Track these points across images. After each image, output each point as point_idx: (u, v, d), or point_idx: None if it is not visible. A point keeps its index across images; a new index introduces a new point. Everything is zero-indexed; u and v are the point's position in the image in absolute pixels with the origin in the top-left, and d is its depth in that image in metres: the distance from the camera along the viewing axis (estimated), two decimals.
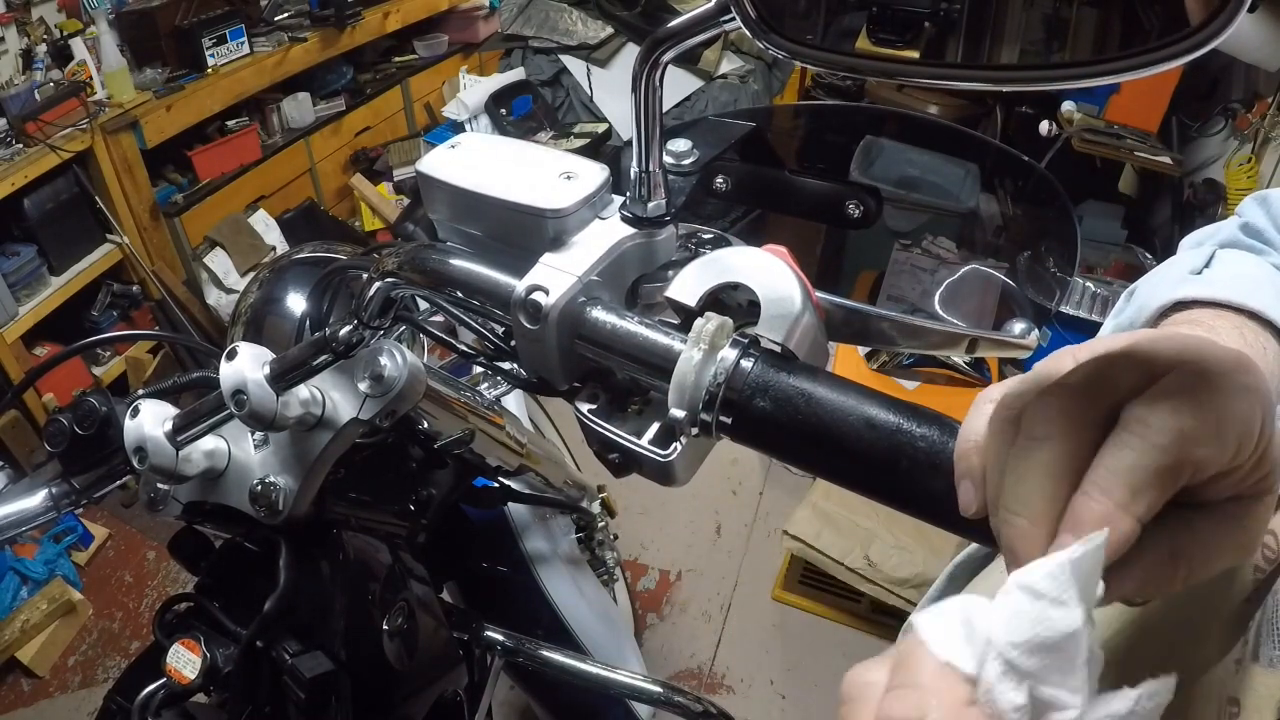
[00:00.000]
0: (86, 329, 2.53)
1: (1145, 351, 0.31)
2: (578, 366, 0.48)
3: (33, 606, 2.08)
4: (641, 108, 0.45)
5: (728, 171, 0.57)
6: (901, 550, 1.99)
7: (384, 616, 0.67)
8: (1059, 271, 0.64)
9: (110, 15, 2.56)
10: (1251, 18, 1.93)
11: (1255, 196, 0.68)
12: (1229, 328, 0.55)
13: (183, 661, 0.61)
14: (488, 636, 0.85)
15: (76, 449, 0.65)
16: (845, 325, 0.51)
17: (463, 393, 0.79)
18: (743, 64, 3.13)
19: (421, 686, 0.71)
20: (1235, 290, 0.56)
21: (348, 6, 3.06)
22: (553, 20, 3.12)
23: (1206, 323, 0.56)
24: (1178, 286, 0.59)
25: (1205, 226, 0.70)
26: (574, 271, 0.46)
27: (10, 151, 2.26)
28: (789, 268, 0.43)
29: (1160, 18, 0.34)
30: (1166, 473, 0.28)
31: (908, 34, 2.22)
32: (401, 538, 0.77)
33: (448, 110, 3.14)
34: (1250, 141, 2.31)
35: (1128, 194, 2.71)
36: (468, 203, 0.51)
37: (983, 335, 0.53)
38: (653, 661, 1.98)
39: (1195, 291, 0.58)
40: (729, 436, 0.40)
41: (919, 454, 0.35)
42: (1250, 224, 0.65)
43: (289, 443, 0.60)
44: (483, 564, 1.06)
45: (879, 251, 0.71)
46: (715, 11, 0.40)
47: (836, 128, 0.80)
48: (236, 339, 0.67)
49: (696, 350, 0.40)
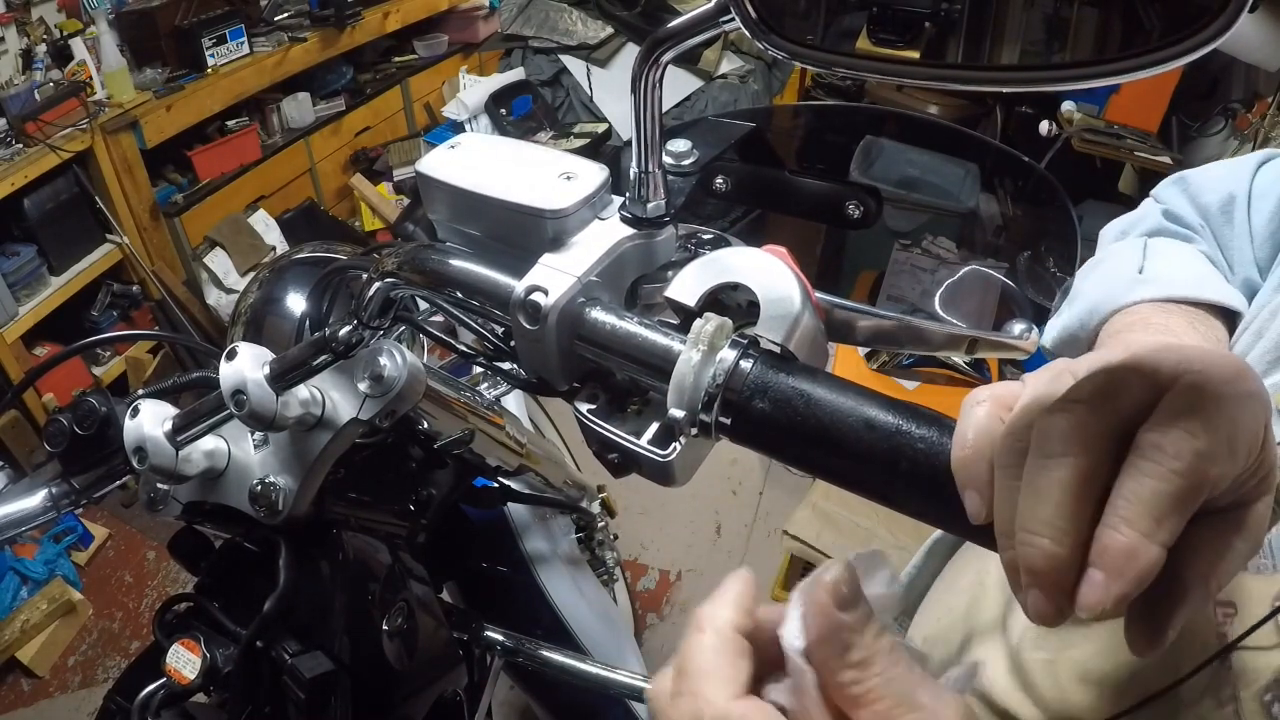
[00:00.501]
0: (86, 329, 2.53)
1: (1148, 364, 0.31)
2: (577, 367, 0.48)
3: (33, 606, 2.08)
4: (641, 108, 0.45)
5: (728, 172, 0.57)
6: (901, 550, 1.98)
7: (384, 616, 0.67)
8: (1059, 272, 0.64)
9: (110, 15, 2.56)
10: (1251, 18, 1.92)
11: (1174, 178, 0.68)
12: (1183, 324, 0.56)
13: (183, 661, 0.61)
14: (488, 636, 0.85)
15: (76, 449, 0.65)
16: (845, 325, 0.51)
17: (463, 393, 0.79)
18: (743, 64, 3.13)
19: (421, 686, 0.71)
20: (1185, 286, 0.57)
21: (348, 6, 3.06)
22: (553, 20, 3.12)
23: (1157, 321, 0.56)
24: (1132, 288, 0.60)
25: (1126, 215, 0.70)
26: (573, 272, 0.46)
27: (10, 151, 2.26)
28: (789, 268, 0.43)
29: (1160, 18, 0.34)
30: (1188, 496, 0.28)
31: (908, 34, 2.22)
32: (401, 538, 0.77)
33: (448, 110, 3.14)
34: (1250, 141, 2.31)
35: (1128, 194, 2.71)
36: (467, 203, 0.51)
37: (983, 335, 0.52)
38: (653, 661, 1.97)
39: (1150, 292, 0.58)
40: (728, 437, 0.40)
41: (919, 454, 0.35)
42: (1171, 210, 0.66)
43: (289, 443, 0.60)
44: (483, 564, 1.07)
45: (879, 251, 0.71)
46: (715, 12, 0.40)
47: (836, 128, 0.80)
48: (236, 339, 0.67)
49: (695, 351, 0.40)
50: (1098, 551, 0.29)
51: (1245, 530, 0.31)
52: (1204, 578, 0.30)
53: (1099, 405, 0.30)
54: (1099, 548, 0.29)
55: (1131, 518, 0.28)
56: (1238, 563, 0.31)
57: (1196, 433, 0.28)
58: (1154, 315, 0.57)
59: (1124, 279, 0.61)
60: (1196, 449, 0.28)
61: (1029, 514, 0.30)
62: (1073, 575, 0.29)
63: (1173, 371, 0.31)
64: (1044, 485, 0.30)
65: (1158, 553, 0.28)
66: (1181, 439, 0.28)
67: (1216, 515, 0.30)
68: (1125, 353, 0.33)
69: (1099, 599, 0.28)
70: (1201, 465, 0.28)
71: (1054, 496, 0.30)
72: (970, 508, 0.33)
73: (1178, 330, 0.55)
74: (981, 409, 0.35)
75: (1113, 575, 0.28)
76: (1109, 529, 0.28)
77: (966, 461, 0.34)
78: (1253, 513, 0.31)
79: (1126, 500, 0.29)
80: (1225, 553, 0.30)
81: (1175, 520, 0.28)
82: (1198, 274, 0.59)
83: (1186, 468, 0.28)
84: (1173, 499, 0.28)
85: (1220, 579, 0.31)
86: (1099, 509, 0.29)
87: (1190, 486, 0.28)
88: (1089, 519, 0.29)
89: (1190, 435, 0.28)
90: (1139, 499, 0.28)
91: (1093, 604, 0.28)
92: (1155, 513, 0.28)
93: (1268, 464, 0.31)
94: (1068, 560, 0.29)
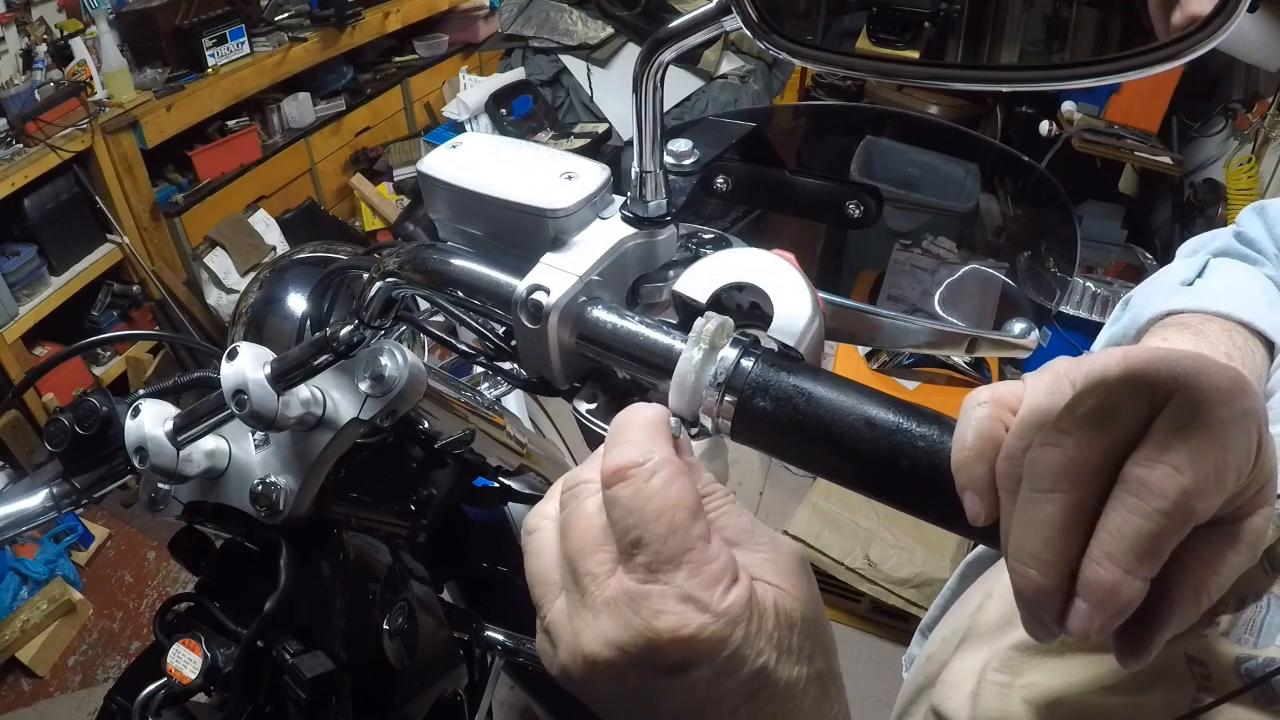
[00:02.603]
0: (86, 329, 2.53)
1: (1144, 379, 0.31)
2: (578, 366, 0.48)
3: (33, 606, 2.08)
4: (642, 108, 0.45)
5: (728, 171, 0.57)
6: (901, 550, 1.99)
7: (384, 616, 0.67)
8: (1059, 271, 0.64)
9: (110, 15, 2.56)
10: (1251, 18, 1.93)
11: (1254, 207, 0.68)
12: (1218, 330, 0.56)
13: (183, 661, 0.61)
14: (488, 636, 0.85)
15: (77, 449, 0.65)
16: (845, 325, 0.52)
17: (463, 393, 0.79)
18: (743, 64, 3.13)
19: (422, 686, 0.71)
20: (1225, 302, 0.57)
21: (348, 6, 3.06)
22: (553, 20, 3.12)
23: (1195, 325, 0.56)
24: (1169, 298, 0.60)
25: (1202, 234, 0.70)
26: (575, 271, 0.46)
27: (10, 151, 2.26)
28: (800, 274, 0.44)
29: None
30: (1172, 533, 0.29)
31: (908, 34, 2.22)
32: (402, 538, 0.77)
33: (448, 110, 3.14)
34: (1250, 141, 2.31)
35: (1128, 194, 2.71)
36: (468, 203, 0.51)
37: (983, 335, 0.53)
38: None
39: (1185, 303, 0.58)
40: (729, 436, 0.40)
41: (919, 454, 0.35)
42: (1244, 233, 0.66)
43: (289, 442, 0.60)
44: (483, 564, 1.06)
45: (879, 251, 0.71)
46: (716, 12, 0.40)
47: (836, 128, 0.80)
48: (237, 339, 0.67)
49: (697, 350, 0.40)
50: (1082, 584, 0.30)
51: (1239, 543, 0.31)
52: (1193, 592, 0.31)
53: (1089, 438, 0.30)
54: (1083, 580, 0.30)
55: (1115, 554, 0.29)
56: (1231, 575, 0.31)
57: (1183, 468, 0.28)
58: (1194, 321, 0.57)
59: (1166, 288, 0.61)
60: (1183, 487, 0.28)
61: (1018, 545, 0.31)
62: (1060, 602, 0.30)
63: (1167, 388, 0.30)
64: (1033, 519, 0.31)
65: (1140, 586, 0.29)
66: (1167, 477, 0.28)
67: (1211, 528, 0.30)
68: (1122, 362, 0.32)
69: (1083, 628, 0.30)
70: (1188, 502, 0.28)
71: (1042, 532, 0.30)
72: (970, 510, 0.34)
73: (1211, 335, 0.55)
74: (982, 410, 0.35)
75: (1095, 608, 0.29)
76: (1093, 563, 0.29)
77: (967, 463, 0.34)
78: (1248, 526, 0.31)
79: (1110, 536, 0.29)
80: (1217, 566, 0.31)
81: (1159, 555, 0.29)
82: (1246, 293, 0.59)
83: (1172, 506, 0.28)
84: (1157, 537, 0.29)
85: (1212, 593, 0.31)
86: (1089, 534, 0.30)
87: (1175, 524, 0.29)
88: (1077, 551, 0.30)
89: (1176, 472, 0.28)
90: (1123, 536, 0.29)
91: (1077, 632, 0.30)
92: (1138, 550, 0.29)
93: (1263, 477, 0.31)
94: (1055, 589, 0.30)
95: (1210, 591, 0.31)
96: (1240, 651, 0.39)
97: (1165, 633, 0.31)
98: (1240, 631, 0.40)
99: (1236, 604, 0.41)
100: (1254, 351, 0.55)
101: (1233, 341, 0.55)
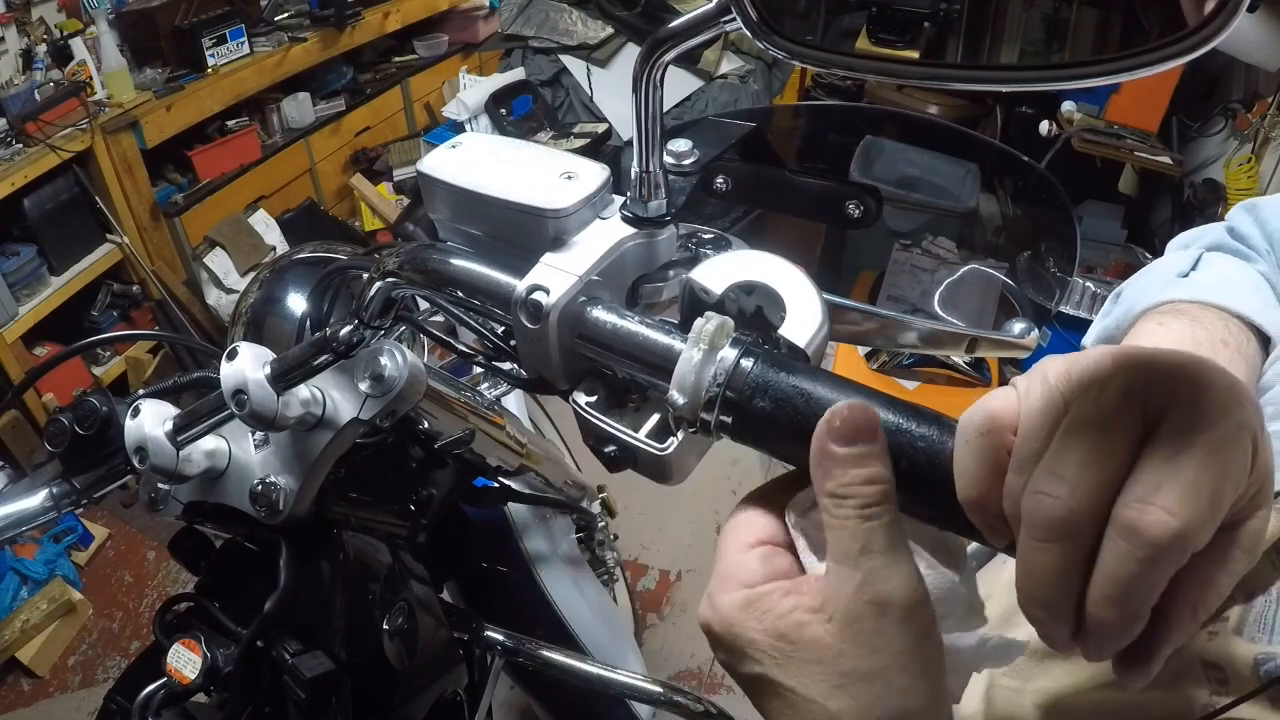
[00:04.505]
0: (86, 329, 2.53)
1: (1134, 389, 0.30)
2: (578, 366, 0.48)
3: (33, 606, 2.08)
4: (642, 108, 0.45)
5: (728, 171, 0.57)
6: None
7: (384, 616, 0.67)
8: (1059, 271, 0.64)
9: (110, 15, 2.56)
10: (1251, 18, 1.93)
11: (1245, 204, 0.68)
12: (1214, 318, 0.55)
13: (183, 661, 0.61)
14: (488, 636, 0.85)
15: (77, 449, 0.65)
16: (845, 325, 0.52)
17: (463, 393, 0.79)
18: (743, 64, 3.13)
19: (421, 686, 0.71)
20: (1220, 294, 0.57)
21: (348, 6, 3.06)
22: (553, 20, 3.12)
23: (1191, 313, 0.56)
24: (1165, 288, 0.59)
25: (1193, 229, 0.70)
26: (575, 271, 0.46)
27: (10, 151, 2.26)
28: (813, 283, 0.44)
29: (1160, 18, 0.34)
30: (1168, 569, 0.29)
31: (907, 34, 2.22)
32: (401, 538, 0.77)
33: (448, 110, 3.14)
34: (1250, 141, 2.31)
35: (1128, 194, 2.71)
36: (468, 203, 0.51)
37: (983, 335, 0.53)
38: (653, 661, 1.98)
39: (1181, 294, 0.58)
40: (729, 436, 0.40)
41: (919, 453, 0.35)
42: (1236, 229, 0.66)
43: (289, 443, 0.60)
44: (483, 564, 1.06)
45: (879, 251, 0.71)
46: (715, 12, 0.40)
47: (836, 128, 0.80)
48: (237, 339, 0.67)
49: (697, 349, 0.40)
50: (1086, 618, 0.30)
51: (1236, 550, 0.31)
52: (1191, 610, 0.31)
53: (1083, 481, 0.30)
54: (1086, 617, 0.30)
55: (1113, 597, 0.30)
56: (1229, 583, 0.31)
57: (1175, 509, 0.28)
58: (1190, 308, 0.57)
59: (1161, 280, 0.61)
60: (1175, 530, 0.28)
61: (1023, 586, 0.32)
62: (1068, 631, 0.31)
63: (1162, 399, 0.30)
64: (1033, 568, 0.31)
65: (1140, 623, 0.30)
66: (1158, 524, 0.28)
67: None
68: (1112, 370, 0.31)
69: (1092, 655, 0.31)
70: (1182, 544, 0.29)
71: (1043, 578, 0.31)
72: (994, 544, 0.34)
73: (1207, 322, 0.55)
74: (982, 443, 0.33)
75: (1098, 640, 0.31)
76: (1093, 605, 0.30)
77: (977, 506, 0.33)
78: (1244, 531, 0.31)
79: (1106, 579, 0.30)
80: (1215, 579, 0.31)
81: (1156, 590, 0.30)
82: (1239, 287, 0.58)
83: (1166, 550, 0.28)
84: (1151, 579, 0.29)
85: (1210, 605, 0.31)
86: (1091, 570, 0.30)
87: (1170, 564, 0.29)
88: (1079, 589, 0.31)
89: (1169, 515, 0.28)
90: (1118, 580, 0.29)
91: (1088, 658, 0.32)
92: (1135, 593, 0.29)
93: (1259, 481, 0.30)
94: (1061, 625, 0.31)
95: (1209, 604, 0.31)
96: (1259, 651, 0.39)
97: (1165, 650, 0.31)
98: (1253, 629, 0.40)
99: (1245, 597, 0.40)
100: (1247, 340, 0.55)
101: (1228, 329, 0.55)
